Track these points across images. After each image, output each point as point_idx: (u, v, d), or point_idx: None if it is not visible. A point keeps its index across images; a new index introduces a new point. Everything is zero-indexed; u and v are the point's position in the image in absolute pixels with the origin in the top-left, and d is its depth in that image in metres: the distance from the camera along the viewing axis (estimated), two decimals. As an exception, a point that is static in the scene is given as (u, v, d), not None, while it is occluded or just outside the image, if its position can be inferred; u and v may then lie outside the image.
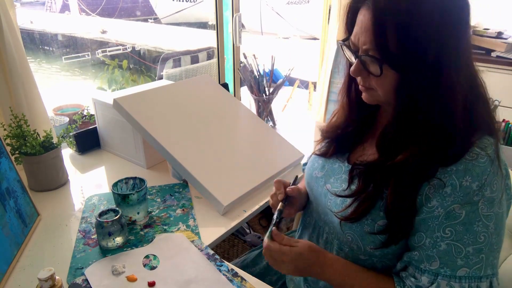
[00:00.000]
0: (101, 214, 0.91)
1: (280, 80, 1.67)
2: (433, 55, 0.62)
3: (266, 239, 0.75)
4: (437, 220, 0.65)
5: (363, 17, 0.65)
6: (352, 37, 0.69)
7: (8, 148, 1.02)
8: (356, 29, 0.68)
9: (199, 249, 0.91)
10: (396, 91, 0.67)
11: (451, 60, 0.63)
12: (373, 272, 0.75)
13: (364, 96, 0.75)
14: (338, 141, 0.86)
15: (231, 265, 0.86)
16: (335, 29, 1.87)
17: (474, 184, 0.63)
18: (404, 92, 0.66)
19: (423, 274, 0.67)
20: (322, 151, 0.89)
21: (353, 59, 0.71)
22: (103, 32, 2.67)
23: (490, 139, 0.67)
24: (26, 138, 1.10)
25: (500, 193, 0.65)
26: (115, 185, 0.99)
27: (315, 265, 0.74)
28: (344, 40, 0.73)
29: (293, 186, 0.89)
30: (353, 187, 0.76)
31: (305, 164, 1.11)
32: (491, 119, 0.70)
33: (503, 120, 1.30)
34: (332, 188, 0.81)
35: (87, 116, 1.53)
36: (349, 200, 0.74)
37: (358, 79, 0.73)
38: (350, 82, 0.81)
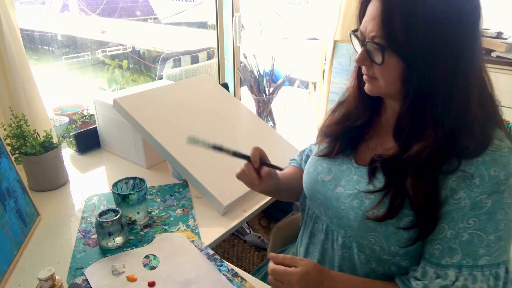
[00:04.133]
0: (101, 214, 0.91)
1: (280, 80, 1.67)
2: (440, 46, 0.64)
3: (270, 263, 0.73)
4: (462, 211, 0.66)
5: (372, 6, 0.69)
6: (361, 27, 0.72)
7: (8, 148, 1.02)
8: (365, 18, 0.71)
9: (199, 249, 0.91)
10: (403, 81, 0.69)
11: (464, 55, 0.65)
12: (380, 282, 0.75)
13: (366, 87, 0.76)
14: (342, 139, 0.85)
15: (231, 265, 0.86)
16: (334, 29, 1.87)
17: (502, 173, 0.64)
18: (413, 83, 0.67)
19: (448, 269, 0.67)
20: (325, 152, 0.87)
21: (359, 48, 0.74)
22: (103, 32, 2.67)
23: (501, 131, 0.69)
24: (26, 138, 1.09)
25: None
26: (115, 185, 0.99)
27: (325, 282, 0.73)
28: (354, 31, 0.75)
29: (268, 169, 0.85)
30: (378, 184, 0.74)
31: (293, 160, 1.10)
32: (498, 114, 0.72)
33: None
34: (345, 190, 0.79)
35: (87, 116, 1.53)
36: (375, 199, 0.73)
37: (363, 68, 0.75)
38: (360, 73, 0.82)
